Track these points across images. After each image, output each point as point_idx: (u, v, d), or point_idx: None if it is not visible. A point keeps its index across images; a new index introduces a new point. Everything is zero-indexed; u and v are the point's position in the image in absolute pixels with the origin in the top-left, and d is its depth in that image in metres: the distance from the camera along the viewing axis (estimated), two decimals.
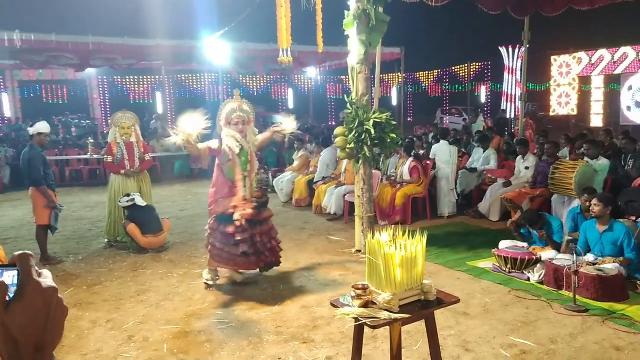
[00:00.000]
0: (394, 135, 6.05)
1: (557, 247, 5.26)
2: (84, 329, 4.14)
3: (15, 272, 0.71)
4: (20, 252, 0.73)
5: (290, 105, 22.75)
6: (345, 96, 6.19)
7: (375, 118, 5.87)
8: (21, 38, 10.55)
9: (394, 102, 19.78)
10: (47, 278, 0.72)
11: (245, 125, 4.96)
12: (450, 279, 5.11)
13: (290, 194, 9.50)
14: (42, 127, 6.07)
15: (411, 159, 7.97)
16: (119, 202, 6.51)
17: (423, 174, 7.90)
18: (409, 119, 23.65)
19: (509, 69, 18.24)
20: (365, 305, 2.63)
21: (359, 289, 2.67)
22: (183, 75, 20.12)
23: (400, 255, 2.62)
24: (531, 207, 6.39)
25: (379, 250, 2.66)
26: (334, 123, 22.67)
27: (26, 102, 19.29)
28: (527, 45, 9.70)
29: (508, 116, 18.03)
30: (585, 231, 5.16)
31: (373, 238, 2.77)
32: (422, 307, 2.66)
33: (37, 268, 0.72)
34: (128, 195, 6.51)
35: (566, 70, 16.31)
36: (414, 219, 7.69)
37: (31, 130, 6.13)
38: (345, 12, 5.93)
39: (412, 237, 2.77)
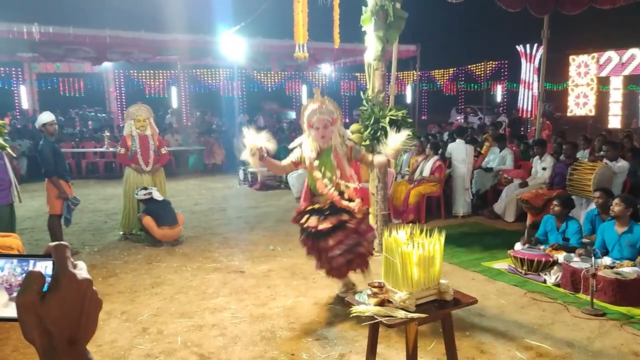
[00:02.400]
0: (410, 133, 5.99)
1: (573, 251, 5.18)
2: (99, 320, 4.12)
3: (49, 263, 0.70)
4: (56, 242, 0.72)
5: (304, 101, 22.73)
6: (361, 93, 6.15)
7: (392, 115, 5.83)
8: (39, 31, 10.64)
9: (409, 100, 19.67)
10: (82, 270, 0.71)
11: (328, 128, 4.26)
12: (465, 280, 5.06)
13: (300, 190, 9.51)
14: (45, 117, 6.05)
15: (436, 157, 7.90)
16: (136, 194, 6.56)
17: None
18: (423, 117, 23.52)
19: (526, 68, 18.01)
20: (381, 303, 2.61)
21: (375, 287, 2.65)
22: (198, 70, 20.19)
23: (418, 254, 2.60)
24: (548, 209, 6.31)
25: (396, 248, 2.64)
26: (347, 120, 22.63)
27: (44, 95, 19.51)
28: (546, 45, 9.56)
29: (523, 116, 17.82)
30: (603, 232, 5.08)
31: (390, 236, 2.75)
32: (439, 307, 2.63)
33: (72, 259, 0.71)
34: (145, 188, 6.54)
35: (584, 70, 16.07)
36: (427, 218, 7.64)
37: (37, 124, 6.18)
38: (363, 8, 5.89)
39: (430, 236, 2.75)
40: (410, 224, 2.88)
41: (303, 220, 4.28)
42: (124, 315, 4.26)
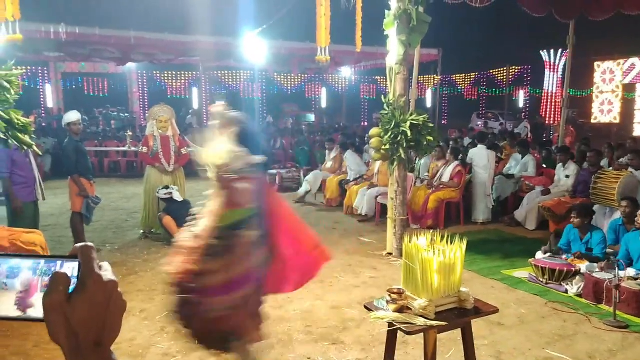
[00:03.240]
0: (431, 138, 5.97)
1: (597, 261, 5.07)
2: None
3: (75, 264, 0.71)
4: (82, 243, 0.72)
5: (323, 104, 22.78)
6: (382, 97, 6.12)
7: (412, 120, 5.80)
8: (66, 31, 10.86)
9: (429, 104, 19.54)
10: (107, 271, 0.72)
11: None
12: (484, 288, 5.00)
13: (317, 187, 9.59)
14: (71, 116, 6.16)
15: (456, 162, 7.83)
16: (157, 193, 6.63)
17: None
18: (443, 122, 23.33)
19: (550, 73, 17.76)
20: (400, 310, 2.59)
21: (394, 293, 2.63)
22: (219, 72, 20.39)
23: (438, 261, 2.57)
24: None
25: (417, 254, 2.61)
26: (366, 124, 22.59)
27: (68, 94, 19.91)
28: (571, 49, 9.41)
29: (547, 122, 17.57)
30: (628, 243, 4.97)
31: (410, 242, 2.72)
32: (459, 315, 2.60)
33: (97, 260, 0.71)
34: (167, 187, 6.61)
35: (610, 77, 15.78)
36: (446, 224, 7.56)
37: (63, 123, 6.31)
38: (386, 11, 5.87)
39: (451, 243, 2.72)
40: (430, 230, 2.85)
41: None
42: (143, 313, 4.31)
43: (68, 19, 11.11)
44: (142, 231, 6.97)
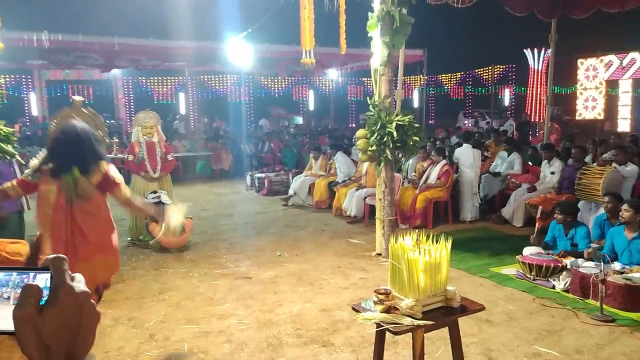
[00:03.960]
0: (417, 138, 6.00)
1: (582, 256, 5.12)
2: (106, 326, 4.18)
3: (47, 276, 0.70)
4: (54, 255, 0.72)
5: (311, 106, 22.80)
6: (368, 98, 6.14)
7: (398, 120, 5.82)
8: (49, 38, 10.76)
9: (415, 104, 19.65)
10: (79, 282, 0.71)
11: None
12: (473, 285, 5.03)
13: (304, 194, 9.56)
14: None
15: (444, 162, 7.87)
16: (145, 198, 6.57)
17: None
18: (430, 122, 23.46)
19: (534, 71, 17.97)
20: (388, 310, 2.60)
21: (381, 293, 2.63)
22: (205, 76, 20.32)
23: (424, 261, 2.58)
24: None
25: (402, 255, 2.62)
26: (354, 125, 22.64)
27: (53, 102, 19.70)
28: (554, 49, 9.52)
29: (532, 120, 17.77)
30: (613, 238, 5.03)
31: (396, 242, 2.73)
32: (446, 314, 2.61)
33: (70, 271, 0.71)
34: (154, 192, 6.57)
35: (593, 74, 15.99)
36: (435, 223, 7.61)
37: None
38: (369, 13, 5.90)
39: (436, 242, 2.73)
40: (417, 230, 2.86)
41: None
42: (131, 321, 4.27)
43: (51, 26, 11.01)
44: (129, 238, 6.91)
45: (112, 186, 3.31)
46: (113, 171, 3.31)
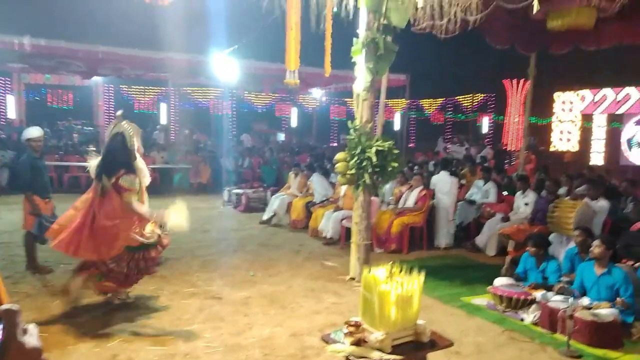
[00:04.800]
0: (395, 164, 6.04)
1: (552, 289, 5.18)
2: (68, 344, 4.06)
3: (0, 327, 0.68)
4: (7, 306, 0.69)
5: (294, 124, 22.85)
6: (349, 122, 6.18)
7: (378, 146, 5.86)
8: (31, 43, 10.62)
9: (397, 127, 19.85)
10: (32, 336, 0.68)
11: None
12: (445, 314, 5.04)
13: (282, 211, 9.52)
14: (33, 132, 5.98)
15: (421, 187, 7.94)
16: None
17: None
18: (410, 145, 23.71)
19: (512, 102, 18.37)
20: (357, 343, 2.58)
21: (351, 325, 2.62)
22: (189, 89, 20.24)
23: (396, 293, 2.58)
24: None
25: (375, 286, 2.62)
26: (336, 144, 22.75)
27: (31, 105, 19.34)
28: (532, 81, 9.76)
29: (509, 148, 18.10)
30: (582, 273, 5.10)
31: (370, 272, 2.73)
32: (415, 349, 2.60)
33: (23, 325, 0.68)
34: None
35: (569, 107, 16.44)
36: (410, 248, 7.64)
37: (23, 138, 6.11)
38: (354, 39, 5.97)
39: (410, 272, 2.73)
40: (392, 254, 2.86)
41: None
42: (94, 340, 4.15)
43: (33, 31, 10.87)
44: None
45: (122, 190, 4.45)
46: (126, 179, 4.48)
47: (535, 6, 5.10)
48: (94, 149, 12.51)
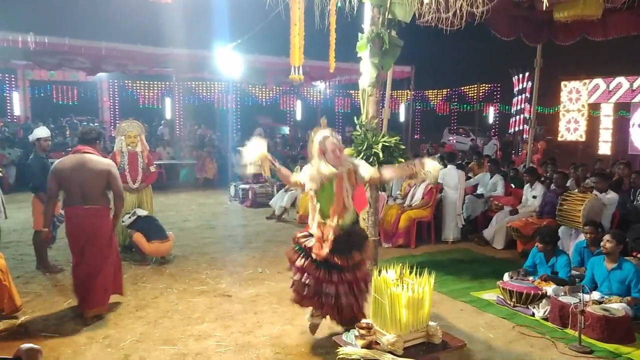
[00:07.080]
0: (402, 160, 6.00)
1: (562, 284, 5.16)
2: (81, 344, 4.08)
3: None
4: (29, 346, 0.68)
5: (298, 117, 22.81)
6: (355, 118, 6.15)
7: (384, 142, 5.82)
8: (35, 40, 10.61)
9: (402, 118, 19.78)
10: None
11: (342, 151, 4.16)
12: (454, 310, 5.03)
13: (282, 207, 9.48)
14: (41, 132, 6.01)
15: (427, 181, 7.89)
16: (122, 222, 6.41)
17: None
18: (416, 136, 23.64)
19: (518, 92, 18.23)
20: (369, 345, 2.58)
21: (363, 328, 2.61)
22: (193, 83, 20.21)
23: (407, 296, 2.57)
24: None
25: (385, 289, 2.61)
26: (340, 137, 22.68)
27: (36, 102, 19.40)
28: (539, 71, 9.67)
29: (516, 139, 18.00)
30: (593, 267, 5.08)
31: (379, 275, 2.72)
32: (427, 351, 2.60)
33: None
34: (128, 213, 6.46)
35: (576, 96, 16.28)
36: (417, 243, 7.62)
37: (31, 137, 6.13)
38: (359, 34, 5.92)
39: (419, 273, 2.72)
40: (400, 248, 2.85)
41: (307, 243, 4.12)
42: (106, 340, 4.17)
43: (37, 28, 10.86)
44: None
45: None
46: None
47: (545, 1, 5.02)
48: (100, 145, 12.57)
